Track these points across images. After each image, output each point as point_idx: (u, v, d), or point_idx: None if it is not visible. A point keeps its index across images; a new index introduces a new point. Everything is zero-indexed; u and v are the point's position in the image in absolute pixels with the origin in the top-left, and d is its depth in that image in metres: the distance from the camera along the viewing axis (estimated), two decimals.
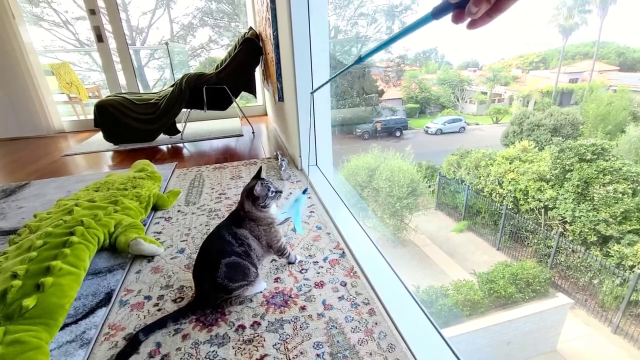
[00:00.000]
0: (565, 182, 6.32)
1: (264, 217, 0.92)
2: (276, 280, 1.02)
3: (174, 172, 2.05)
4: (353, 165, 7.99)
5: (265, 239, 0.94)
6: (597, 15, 13.45)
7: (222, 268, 0.85)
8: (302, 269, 1.07)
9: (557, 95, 13.30)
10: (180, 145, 2.81)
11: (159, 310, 0.92)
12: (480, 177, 7.70)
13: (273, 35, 2.06)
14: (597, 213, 5.72)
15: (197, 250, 0.93)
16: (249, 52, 2.80)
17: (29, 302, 0.82)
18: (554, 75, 13.72)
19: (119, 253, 1.19)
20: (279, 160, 1.95)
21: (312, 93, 1.71)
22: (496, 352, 4.80)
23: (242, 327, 0.85)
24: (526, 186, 6.78)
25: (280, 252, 0.99)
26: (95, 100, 3.35)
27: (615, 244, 5.42)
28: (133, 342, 0.80)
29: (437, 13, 0.37)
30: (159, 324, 0.84)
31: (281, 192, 0.95)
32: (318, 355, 0.77)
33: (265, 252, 0.95)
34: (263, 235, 0.93)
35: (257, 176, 0.95)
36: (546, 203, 6.46)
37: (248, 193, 0.91)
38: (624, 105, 9.09)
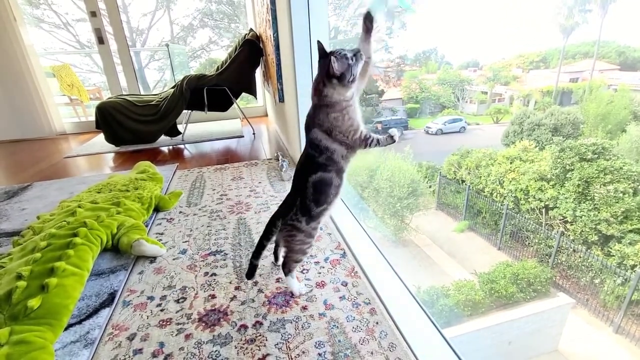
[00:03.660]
0: (566, 182, 6.32)
1: (340, 100, 0.78)
2: (277, 280, 1.02)
3: (176, 174, 2.06)
4: (353, 165, 7.96)
5: (341, 132, 0.80)
6: (598, 15, 13.45)
7: (310, 188, 0.83)
8: (304, 269, 1.08)
9: (558, 94, 13.29)
10: (182, 146, 2.82)
11: (161, 310, 0.93)
12: (480, 177, 7.70)
13: (273, 36, 2.07)
14: (598, 212, 5.72)
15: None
16: (250, 53, 2.81)
17: (34, 302, 0.83)
18: (555, 74, 13.71)
19: (121, 254, 1.20)
20: (280, 161, 1.96)
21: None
22: (497, 352, 4.80)
23: (244, 326, 0.86)
24: (527, 186, 6.78)
25: (365, 142, 0.81)
26: (96, 102, 3.36)
27: (617, 244, 5.42)
28: (251, 270, 0.92)
29: None
30: (259, 246, 0.90)
31: (359, 50, 0.78)
32: (320, 354, 0.78)
33: (348, 149, 0.82)
34: (335, 126, 0.79)
35: (323, 54, 0.79)
36: (547, 203, 6.46)
37: (327, 76, 0.76)
38: (625, 105, 9.07)
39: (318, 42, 0.79)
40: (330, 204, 0.87)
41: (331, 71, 0.75)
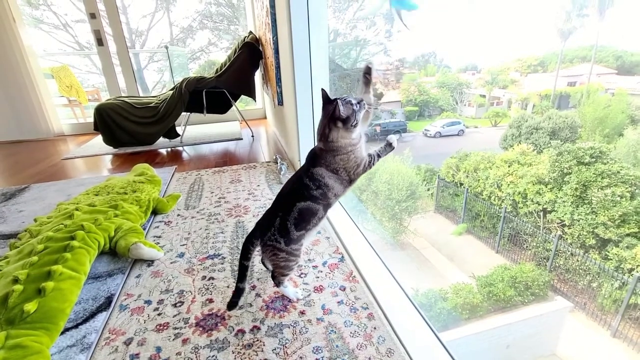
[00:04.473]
0: (563, 185, 6.34)
1: (346, 144, 0.82)
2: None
3: (174, 176, 2.06)
4: None
5: (345, 170, 0.84)
6: (595, 19, 13.52)
7: (295, 213, 0.84)
8: (302, 274, 1.07)
9: (556, 98, 13.33)
10: (180, 148, 2.82)
11: (159, 314, 0.93)
12: (479, 180, 7.71)
13: (273, 40, 2.08)
14: (596, 216, 5.73)
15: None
16: (249, 56, 2.82)
17: (30, 306, 0.82)
18: (553, 78, 13.77)
19: (119, 257, 1.20)
20: (279, 164, 1.96)
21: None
22: (495, 356, 4.79)
23: (242, 331, 0.86)
24: (525, 189, 6.79)
25: (368, 166, 0.88)
26: (94, 104, 3.36)
27: (614, 247, 5.42)
28: (237, 294, 0.88)
29: None
30: (241, 268, 0.87)
31: (362, 99, 0.83)
32: (317, 359, 0.77)
33: (346, 186, 0.87)
34: (341, 166, 0.84)
35: (327, 100, 0.83)
36: (545, 206, 6.47)
37: (332, 119, 0.80)
38: (622, 109, 9.11)
39: (322, 89, 0.83)
40: (309, 231, 0.89)
41: (337, 113, 0.79)
